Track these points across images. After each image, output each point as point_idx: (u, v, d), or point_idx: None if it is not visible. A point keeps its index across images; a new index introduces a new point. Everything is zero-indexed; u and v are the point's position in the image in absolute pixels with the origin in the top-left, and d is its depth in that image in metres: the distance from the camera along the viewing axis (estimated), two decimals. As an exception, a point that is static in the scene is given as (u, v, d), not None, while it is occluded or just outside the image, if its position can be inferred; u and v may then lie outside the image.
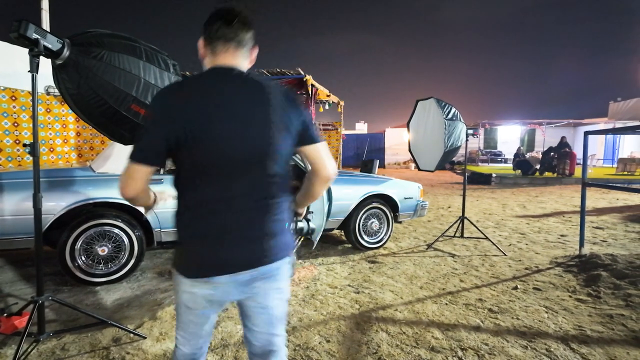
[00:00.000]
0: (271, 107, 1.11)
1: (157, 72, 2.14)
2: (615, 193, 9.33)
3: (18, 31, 1.80)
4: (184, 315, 1.20)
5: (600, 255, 3.74)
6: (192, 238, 1.14)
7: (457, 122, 4.18)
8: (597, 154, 19.67)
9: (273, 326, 1.24)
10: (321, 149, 1.23)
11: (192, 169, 1.12)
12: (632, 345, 2.23)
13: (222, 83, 1.11)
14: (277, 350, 1.26)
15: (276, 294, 1.22)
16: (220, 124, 1.06)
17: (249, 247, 1.14)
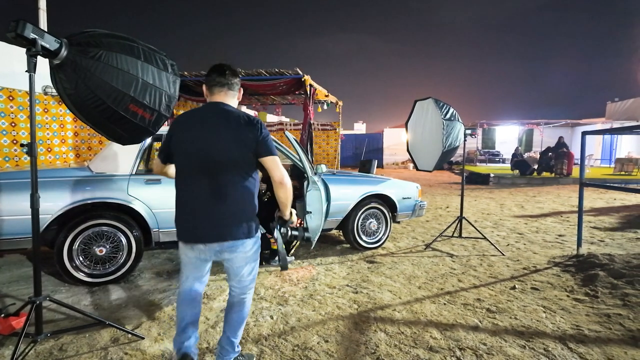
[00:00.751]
0: (235, 131, 1.67)
1: (155, 72, 2.13)
2: (613, 193, 9.36)
3: (15, 31, 1.79)
4: (186, 264, 1.81)
5: (597, 255, 3.75)
6: (182, 217, 1.76)
7: (455, 122, 4.19)
8: (595, 154, 19.74)
9: (242, 280, 1.84)
10: (271, 161, 1.73)
11: (181, 171, 1.76)
12: (630, 345, 2.24)
13: (211, 114, 1.73)
14: (245, 297, 1.88)
15: (242, 261, 1.79)
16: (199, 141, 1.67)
17: (216, 227, 1.69)
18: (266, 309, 2.71)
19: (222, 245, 1.71)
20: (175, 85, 2.25)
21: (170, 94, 2.21)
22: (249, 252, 1.79)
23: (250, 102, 12.01)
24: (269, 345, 2.22)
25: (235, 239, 1.71)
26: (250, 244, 1.77)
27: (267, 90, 8.77)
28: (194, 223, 1.71)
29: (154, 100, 2.14)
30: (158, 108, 2.16)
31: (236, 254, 1.75)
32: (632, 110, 21.33)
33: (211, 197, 1.68)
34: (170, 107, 2.23)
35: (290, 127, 12.58)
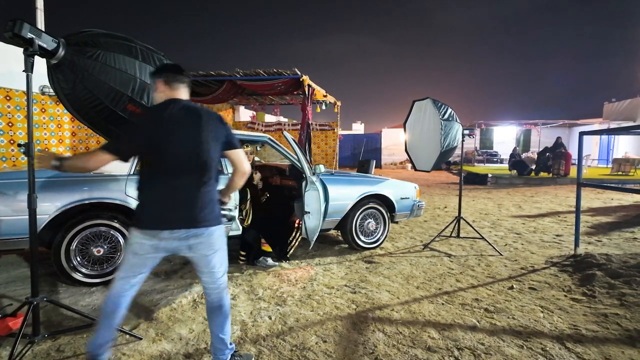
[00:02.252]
0: (205, 126, 1.75)
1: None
2: (610, 193, 9.39)
3: (12, 30, 1.78)
4: (130, 259, 1.76)
5: (595, 254, 3.77)
6: (146, 204, 1.76)
7: (453, 122, 4.20)
8: (592, 155, 19.80)
9: (215, 273, 1.87)
10: (240, 153, 1.87)
11: (152, 162, 1.75)
12: (627, 344, 2.25)
13: (174, 110, 1.75)
14: (222, 294, 1.91)
15: (209, 248, 1.81)
16: (169, 136, 1.69)
17: (184, 214, 1.73)
18: (264, 309, 2.71)
19: (188, 231, 1.74)
20: None
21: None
22: (215, 238, 1.82)
23: (248, 102, 12.01)
24: (267, 345, 2.22)
25: (203, 225, 1.76)
26: (216, 230, 1.83)
27: (266, 91, 8.77)
28: (163, 211, 1.73)
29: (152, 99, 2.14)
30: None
31: (202, 238, 1.77)
32: (629, 111, 21.41)
33: (186, 190, 1.73)
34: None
35: (289, 127, 12.56)
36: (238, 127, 12.37)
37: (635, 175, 13.26)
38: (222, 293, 1.91)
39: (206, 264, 1.84)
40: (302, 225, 3.78)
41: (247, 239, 3.68)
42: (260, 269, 3.56)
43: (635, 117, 20.52)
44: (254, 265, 3.63)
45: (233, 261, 3.76)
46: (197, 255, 1.82)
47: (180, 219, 1.73)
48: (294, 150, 3.70)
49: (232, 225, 3.59)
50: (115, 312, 1.79)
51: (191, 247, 1.78)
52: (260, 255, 3.67)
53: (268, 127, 12.41)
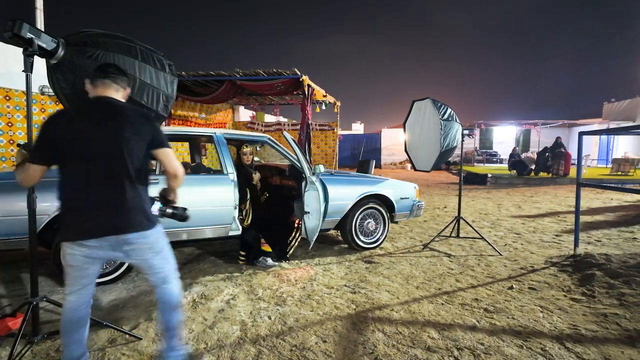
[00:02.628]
0: (127, 124, 1.66)
1: (153, 72, 2.13)
2: (609, 193, 9.40)
3: (12, 30, 1.78)
4: (70, 272, 1.67)
5: (594, 254, 3.77)
6: (69, 212, 1.65)
7: (453, 122, 4.20)
8: (592, 155, 19.80)
9: (156, 269, 1.77)
10: (167, 153, 1.75)
11: (70, 164, 1.63)
12: (626, 344, 2.25)
13: (95, 108, 1.69)
14: (167, 279, 1.81)
15: (147, 252, 1.73)
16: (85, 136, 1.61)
17: (108, 220, 1.63)
18: (264, 309, 2.71)
19: (117, 238, 1.65)
20: (173, 85, 2.24)
21: (168, 94, 2.20)
22: (152, 241, 1.74)
23: (248, 102, 12.01)
24: (267, 345, 2.22)
25: (133, 231, 1.67)
26: (152, 234, 1.73)
27: (265, 91, 8.77)
28: (86, 219, 1.63)
29: (152, 100, 2.13)
30: (156, 108, 2.15)
31: (136, 244, 1.69)
32: (628, 111, 21.42)
33: (110, 193, 1.64)
34: (167, 107, 2.22)
35: (288, 127, 12.56)
36: (238, 127, 12.37)
37: (635, 175, 13.27)
38: (171, 288, 1.82)
39: (148, 267, 1.77)
40: (301, 225, 3.78)
41: (246, 239, 3.68)
42: (260, 269, 3.56)
43: (634, 117, 20.53)
44: (254, 265, 3.63)
45: (233, 261, 3.76)
46: (136, 261, 1.75)
47: (104, 225, 1.63)
48: (294, 150, 3.70)
49: (232, 225, 3.59)
50: (76, 328, 1.72)
51: (127, 254, 1.71)
52: (260, 255, 3.67)
53: (268, 127, 12.41)
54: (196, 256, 3.99)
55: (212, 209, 3.51)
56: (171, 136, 4.49)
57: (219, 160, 3.65)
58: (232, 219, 3.57)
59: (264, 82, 7.85)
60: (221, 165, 3.63)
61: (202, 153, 6.57)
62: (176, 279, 1.87)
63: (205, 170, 4.49)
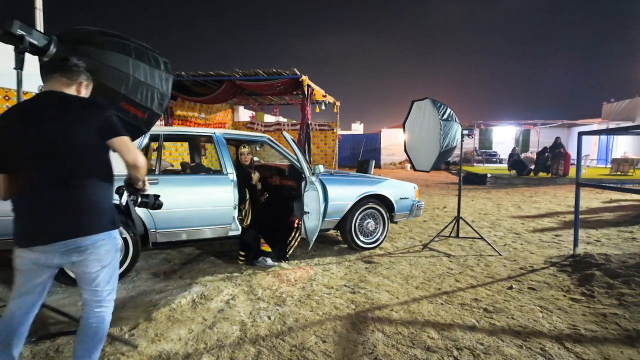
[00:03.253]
0: (73, 116, 1.52)
1: (147, 70, 2.09)
2: (609, 193, 9.40)
3: (3, 28, 1.77)
4: (17, 277, 1.58)
5: (594, 254, 3.77)
6: (17, 218, 1.54)
7: (453, 122, 4.20)
8: (591, 155, 19.82)
9: (99, 291, 1.62)
10: (121, 142, 1.57)
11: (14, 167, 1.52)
12: (626, 344, 2.25)
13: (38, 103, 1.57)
14: (103, 312, 1.64)
15: (96, 262, 1.58)
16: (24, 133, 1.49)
17: (56, 224, 1.50)
18: (264, 309, 2.70)
19: (66, 243, 1.51)
20: (168, 83, 2.20)
21: (163, 92, 2.16)
22: (103, 252, 1.59)
23: (247, 103, 12.01)
24: (266, 345, 2.22)
25: (84, 234, 1.53)
26: (103, 241, 1.58)
27: (265, 91, 8.77)
28: (32, 224, 1.52)
29: (146, 98, 2.09)
30: (150, 106, 2.11)
31: (87, 254, 1.55)
32: (628, 111, 21.44)
33: (59, 195, 1.51)
34: (162, 105, 2.18)
35: (288, 127, 12.56)
36: (237, 127, 12.37)
37: (634, 175, 13.28)
38: (104, 314, 1.65)
39: (89, 281, 1.60)
40: (301, 225, 3.78)
41: (246, 239, 3.68)
42: (260, 269, 3.56)
43: (634, 117, 20.55)
44: (254, 266, 3.63)
45: (233, 261, 3.76)
46: (81, 272, 1.59)
47: (54, 230, 1.50)
48: (294, 151, 3.70)
49: (232, 225, 3.59)
50: (9, 338, 1.56)
51: (74, 264, 1.56)
52: (259, 255, 3.67)
53: (267, 127, 12.41)
54: (196, 256, 3.99)
55: (212, 209, 3.51)
56: (171, 136, 4.50)
57: (219, 160, 3.65)
58: (232, 219, 3.57)
59: (263, 82, 7.86)
60: (221, 165, 3.63)
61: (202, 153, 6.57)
62: (111, 306, 1.69)
63: (205, 170, 4.49)
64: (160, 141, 3.55)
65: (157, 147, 3.55)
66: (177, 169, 5.39)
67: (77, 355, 1.63)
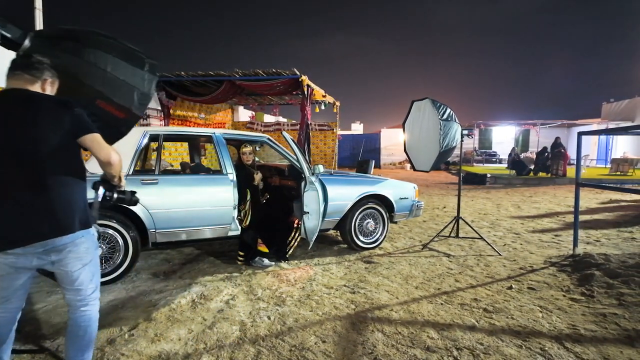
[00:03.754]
0: (39, 114, 1.49)
1: (129, 69, 1.99)
2: (608, 193, 9.41)
3: None
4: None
5: (593, 254, 3.77)
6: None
7: (452, 122, 4.20)
8: (591, 155, 19.83)
9: (82, 289, 1.61)
10: (94, 139, 1.56)
11: None
12: (625, 344, 2.25)
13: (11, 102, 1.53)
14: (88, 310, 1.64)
15: (76, 261, 1.57)
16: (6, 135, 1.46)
17: (31, 226, 1.48)
18: (263, 309, 2.70)
19: (44, 244, 1.49)
20: (151, 84, 2.10)
21: (144, 92, 2.06)
22: (82, 250, 1.59)
23: (247, 103, 12.00)
24: (266, 345, 2.22)
25: (61, 234, 1.51)
26: (82, 239, 1.58)
27: (265, 91, 8.77)
28: (8, 225, 1.48)
29: (125, 97, 1.98)
30: (129, 106, 2.01)
31: (66, 253, 1.54)
32: (627, 111, 21.46)
33: (31, 196, 1.48)
34: (143, 106, 2.08)
35: (288, 127, 12.56)
36: (237, 127, 12.37)
37: (634, 175, 13.29)
38: (90, 313, 1.65)
39: (72, 281, 1.59)
40: (301, 225, 3.78)
41: (245, 239, 3.68)
42: (260, 269, 3.56)
43: (633, 117, 20.57)
44: (252, 266, 3.63)
45: (232, 261, 3.76)
46: (62, 272, 1.57)
47: (29, 232, 1.47)
48: (293, 151, 3.70)
49: (231, 225, 3.59)
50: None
51: (54, 263, 1.54)
52: (256, 255, 3.67)
53: (267, 127, 12.41)
54: (195, 256, 3.98)
55: (212, 209, 3.51)
56: (170, 136, 4.50)
57: (218, 160, 3.65)
58: (231, 219, 3.57)
59: (263, 82, 7.85)
60: (220, 166, 3.63)
61: (202, 153, 6.56)
62: (97, 304, 1.69)
63: (205, 171, 4.49)
64: (160, 141, 3.55)
65: (156, 147, 3.55)
66: (176, 169, 5.39)
67: (69, 357, 1.64)
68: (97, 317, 1.69)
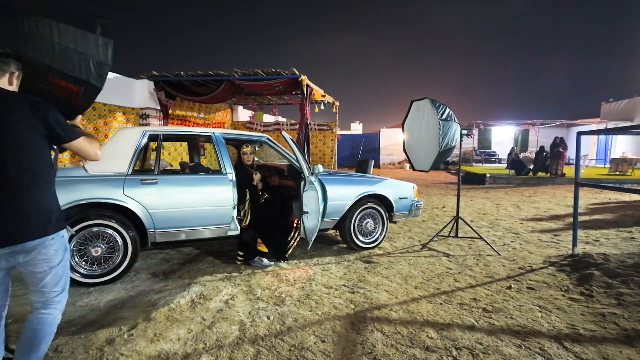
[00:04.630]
0: (11, 116, 1.43)
1: (79, 35, 1.76)
2: (608, 193, 9.42)
3: None
4: None
5: (593, 254, 3.77)
6: None
7: (452, 122, 4.20)
8: (590, 155, 19.85)
9: (45, 286, 1.57)
10: (79, 145, 1.60)
11: None
12: (625, 344, 2.25)
13: None
14: (49, 315, 1.60)
15: (44, 263, 1.54)
16: None
17: (2, 230, 1.44)
18: (263, 309, 2.70)
19: (13, 247, 1.47)
20: (107, 49, 1.86)
21: (101, 60, 1.84)
22: (51, 253, 1.55)
23: (247, 103, 12.01)
24: (265, 345, 2.22)
25: (30, 239, 1.48)
26: (52, 241, 1.55)
27: (264, 91, 8.77)
28: None
29: (80, 68, 1.77)
30: (87, 78, 1.80)
31: (35, 254, 1.51)
32: (627, 111, 21.49)
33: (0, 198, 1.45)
34: (102, 76, 1.86)
35: (288, 127, 12.57)
36: (237, 127, 12.37)
37: (633, 175, 13.30)
38: (48, 316, 1.60)
39: (36, 282, 1.56)
40: (300, 225, 3.78)
41: (245, 239, 3.68)
42: (259, 269, 3.56)
43: (633, 118, 20.60)
44: (252, 266, 3.63)
45: (232, 261, 3.76)
46: (28, 272, 1.54)
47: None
48: (293, 151, 3.70)
49: (231, 225, 3.59)
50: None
51: (22, 264, 1.52)
52: (256, 255, 3.67)
53: (267, 127, 12.41)
54: (195, 256, 3.98)
55: (211, 209, 3.51)
56: (170, 136, 4.50)
57: (218, 160, 3.65)
58: (231, 219, 3.57)
59: (262, 82, 7.86)
60: (220, 166, 3.63)
61: (201, 153, 6.56)
62: (60, 309, 1.65)
63: (204, 171, 4.49)
64: (160, 141, 3.54)
65: (156, 147, 3.55)
66: (176, 169, 5.38)
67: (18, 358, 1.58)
68: (55, 323, 1.63)
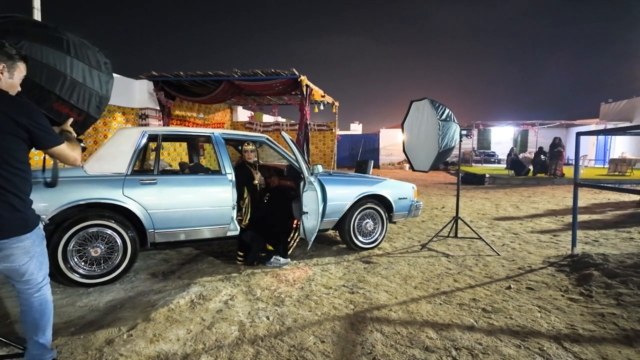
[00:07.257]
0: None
1: (87, 70, 1.94)
2: (607, 193, 9.43)
3: None
4: None
5: (592, 254, 3.78)
6: None
7: (451, 122, 4.21)
8: (589, 155, 19.88)
9: (30, 275, 1.63)
10: (60, 151, 1.63)
11: None
12: (624, 344, 2.26)
13: None
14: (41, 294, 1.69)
15: (23, 255, 1.58)
16: None
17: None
18: (262, 309, 2.70)
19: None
20: (108, 85, 2.05)
21: (102, 95, 2.02)
22: (28, 245, 1.60)
23: (246, 103, 12.00)
24: (265, 345, 2.22)
25: (6, 237, 1.53)
26: (28, 238, 1.60)
27: (264, 91, 8.78)
28: None
29: (83, 100, 1.94)
30: (87, 109, 1.96)
31: (12, 249, 1.55)
32: (625, 111, 21.52)
33: None
34: (100, 109, 2.04)
35: (287, 127, 12.57)
36: (236, 127, 12.36)
37: (632, 175, 13.32)
38: (44, 295, 1.71)
39: (20, 274, 1.62)
40: (300, 225, 3.78)
41: (244, 239, 3.68)
42: (258, 269, 3.56)
43: (631, 118, 20.63)
44: (252, 266, 3.63)
45: (231, 262, 3.76)
46: (9, 266, 1.58)
47: None
48: (292, 151, 3.70)
49: (230, 225, 3.59)
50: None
51: (2, 258, 1.55)
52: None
53: (266, 128, 12.41)
54: (194, 256, 3.98)
55: (210, 209, 3.50)
56: (169, 136, 4.49)
57: (217, 160, 3.65)
58: (230, 219, 3.57)
59: (262, 82, 7.86)
60: (219, 166, 3.63)
61: (200, 153, 6.56)
62: (48, 287, 1.75)
63: (204, 171, 4.49)
64: (159, 141, 3.54)
65: (155, 147, 3.55)
66: (175, 169, 5.38)
67: (30, 336, 1.69)
68: (51, 298, 1.75)
